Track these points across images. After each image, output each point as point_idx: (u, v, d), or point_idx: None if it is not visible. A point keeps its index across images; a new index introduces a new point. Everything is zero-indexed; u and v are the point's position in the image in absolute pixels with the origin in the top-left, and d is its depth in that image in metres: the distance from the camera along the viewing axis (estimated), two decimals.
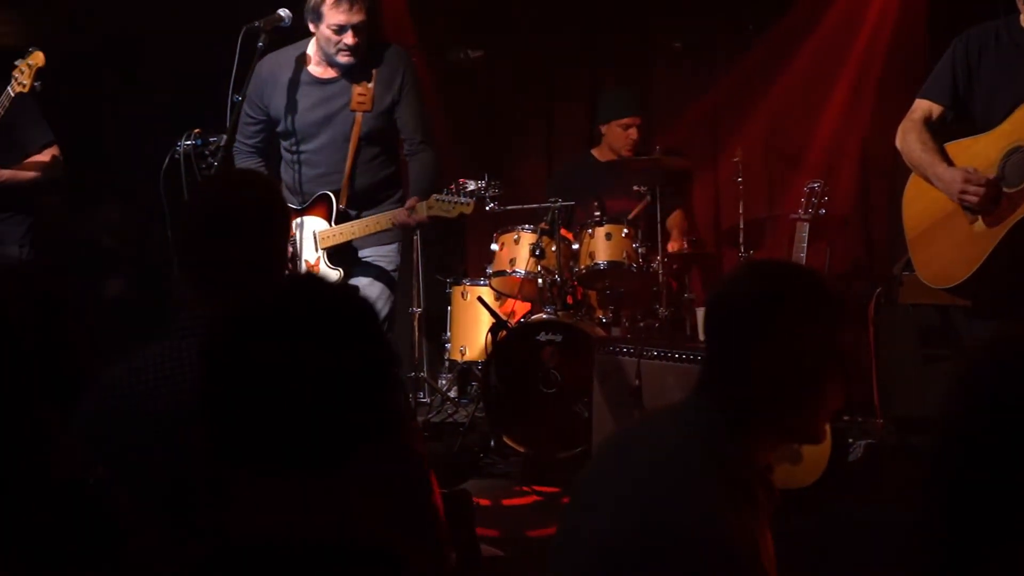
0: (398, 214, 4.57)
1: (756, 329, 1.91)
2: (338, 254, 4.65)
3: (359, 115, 4.62)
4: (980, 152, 3.80)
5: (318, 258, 4.64)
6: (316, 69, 4.67)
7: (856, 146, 6.74)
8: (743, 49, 6.90)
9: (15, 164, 5.07)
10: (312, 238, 4.67)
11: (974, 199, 3.69)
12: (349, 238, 4.61)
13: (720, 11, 7.06)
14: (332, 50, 4.55)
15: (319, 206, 4.67)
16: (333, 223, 4.64)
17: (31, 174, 5.07)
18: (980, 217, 3.74)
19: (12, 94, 4.77)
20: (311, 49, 4.66)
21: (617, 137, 6.61)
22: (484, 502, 4.81)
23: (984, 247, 3.70)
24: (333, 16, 4.45)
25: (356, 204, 4.71)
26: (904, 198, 4.08)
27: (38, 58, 4.72)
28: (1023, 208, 3.61)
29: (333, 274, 4.58)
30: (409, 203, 4.57)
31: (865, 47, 6.74)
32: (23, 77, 4.74)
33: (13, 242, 5.14)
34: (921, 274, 4.00)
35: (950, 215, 3.82)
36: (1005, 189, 3.67)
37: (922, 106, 4.00)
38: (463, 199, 4.58)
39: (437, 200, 4.57)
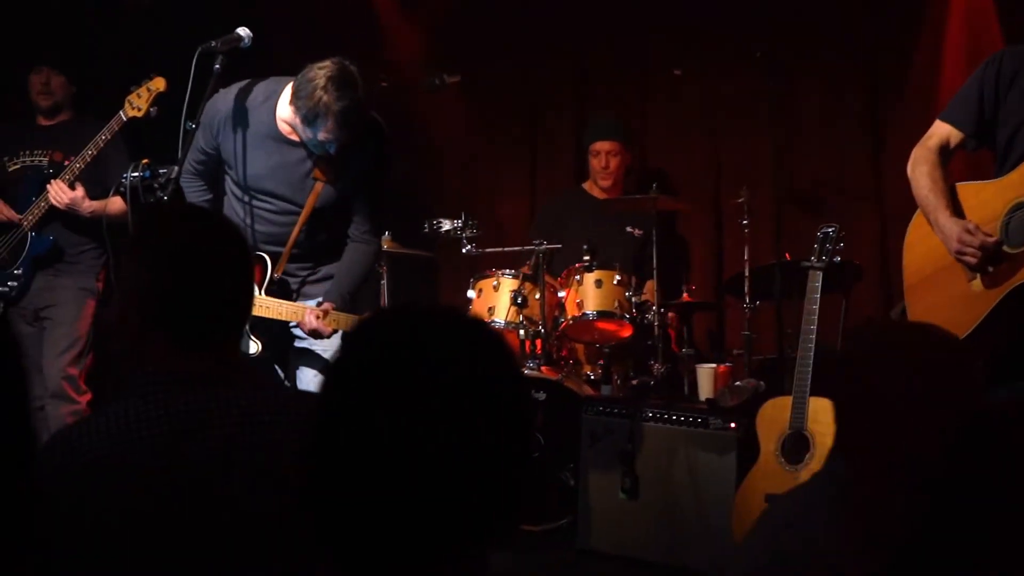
0: (306, 316, 4.50)
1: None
2: (265, 327, 4.55)
3: (319, 184, 4.56)
4: (987, 201, 3.80)
5: None
6: (284, 127, 4.53)
7: (875, 188, 6.81)
8: (749, 77, 6.91)
9: (100, 197, 5.44)
10: None
11: (972, 260, 3.70)
12: (274, 316, 4.51)
13: (726, 35, 7.09)
14: (310, 144, 4.48)
15: (255, 267, 4.57)
16: (263, 292, 4.56)
17: (116, 209, 5.33)
18: (979, 276, 3.75)
19: (125, 118, 5.09)
20: (284, 106, 4.49)
21: (592, 165, 6.76)
22: None
23: (979, 310, 3.70)
24: (324, 134, 4.36)
25: (306, 260, 4.72)
26: (906, 241, 4.11)
27: (159, 83, 4.95)
28: (1022, 273, 3.61)
29: (252, 346, 4.51)
30: (324, 306, 4.52)
31: (887, 78, 6.85)
32: (139, 101, 5.01)
33: (92, 274, 5.76)
34: None
35: (949, 267, 3.84)
36: (1007, 249, 3.66)
37: (940, 131, 3.99)
38: None
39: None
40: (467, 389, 1.34)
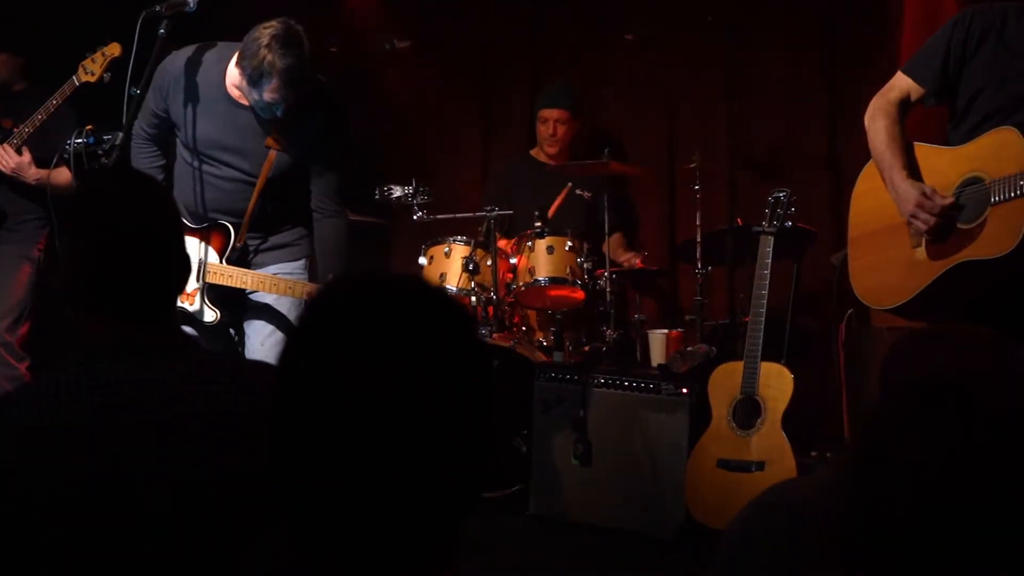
0: (310, 289, 4.48)
1: None
2: (222, 295, 4.57)
3: (272, 153, 4.52)
4: (941, 167, 3.79)
5: (196, 289, 4.51)
6: (234, 91, 4.51)
7: (830, 154, 6.83)
8: (703, 42, 6.94)
9: (48, 166, 5.33)
10: (198, 265, 4.52)
11: (923, 227, 3.70)
12: (238, 286, 4.53)
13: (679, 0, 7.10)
14: (257, 107, 4.45)
15: (215, 235, 4.58)
16: (225, 261, 4.56)
17: (61, 179, 5.29)
18: (923, 243, 3.75)
19: (77, 83, 5.06)
20: (233, 70, 4.46)
21: (540, 132, 6.78)
22: None
23: (921, 279, 3.73)
24: (270, 94, 4.33)
25: (256, 229, 4.68)
26: (855, 190, 4.09)
27: (114, 49, 4.93)
28: (968, 251, 3.62)
29: (209, 314, 4.53)
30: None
31: (844, 43, 6.88)
32: (93, 66, 4.98)
33: (33, 243, 5.69)
34: (854, 284, 4.04)
35: (895, 228, 3.85)
36: (960, 225, 3.68)
37: (902, 84, 3.95)
38: None
39: None
40: (432, 360, 1.31)
